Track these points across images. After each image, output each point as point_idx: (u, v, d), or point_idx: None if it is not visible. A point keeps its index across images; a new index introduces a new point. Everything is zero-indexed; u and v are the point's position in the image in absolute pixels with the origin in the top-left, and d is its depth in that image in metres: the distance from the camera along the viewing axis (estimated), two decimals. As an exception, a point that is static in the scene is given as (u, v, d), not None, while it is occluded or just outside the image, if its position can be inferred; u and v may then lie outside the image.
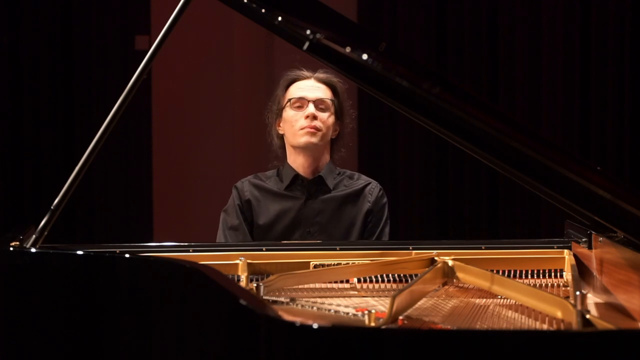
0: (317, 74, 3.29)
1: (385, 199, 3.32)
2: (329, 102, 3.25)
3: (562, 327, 2.07)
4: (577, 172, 2.16)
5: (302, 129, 3.22)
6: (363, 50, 2.23)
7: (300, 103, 3.24)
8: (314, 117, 3.21)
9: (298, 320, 1.79)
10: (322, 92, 3.26)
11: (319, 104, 3.24)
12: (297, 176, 3.27)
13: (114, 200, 5.35)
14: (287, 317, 1.82)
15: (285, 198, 3.27)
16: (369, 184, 3.32)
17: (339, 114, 3.29)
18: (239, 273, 2.63)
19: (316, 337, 1.77)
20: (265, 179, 3.32)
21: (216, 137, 5.49)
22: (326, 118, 3.24)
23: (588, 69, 5.23)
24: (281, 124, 3.30)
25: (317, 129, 3.22)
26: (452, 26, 5.29)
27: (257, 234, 3.25)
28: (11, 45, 5.24)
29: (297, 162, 3.28)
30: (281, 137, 3.32)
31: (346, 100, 3.32)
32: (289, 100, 3.25)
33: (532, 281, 2.63)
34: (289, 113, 3.25)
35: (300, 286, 2.55)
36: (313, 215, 3.25)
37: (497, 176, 5.18)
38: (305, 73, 3.29)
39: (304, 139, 3.23)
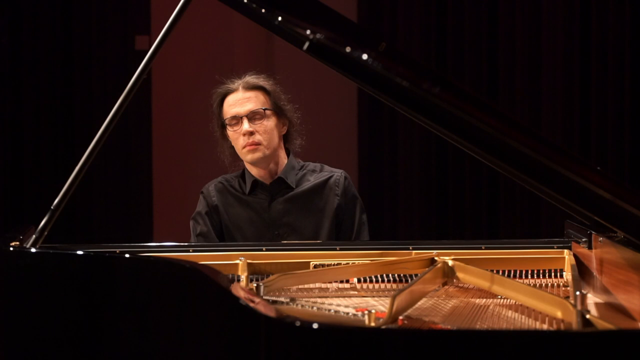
0: (246, 79, 3.25)
1: (353, 189, 3.29)
2: (261, 110, 3.21)
3: (562, 327, 2.07)
4: (577, 172, 2.15)
5: (243, 147, 3.21)
6: (363, 50, 2.23)
7: (235, 121, 3.22)
8: (251, 134, 3.19)
9: (298, 320, 1.79)
10: (252, 101, 3.22)
11: (252, 116, 3.21)
12: (256, 181, 3.27)
13: (114, 200, 5.35)
14: (287, 317, 1.82)
15: (249, 203, 3.26)
16: (333, 175, 3.29)
17: (278, 113, 3.25)
18: (239, 273, 2.64)
19: (316, 337, 1.77)
20: (231, 181, 3.31)
21: (216, 137, 5.48)
22: (265, 126, 3.21)
23: (588, 69, 5.22)
24: (229, 138, 3.28)
25: (258, 143, 3.20)
26: (452, 26, 5.29)
27: (228, 238, 3.24)
28: (11, 46, 5.24)
29: (253, 170, 3.28)
30: (232, 147, 3.29)
31: (281, 95, 3.27)
32: (225, 120, 3.24)
33: (532, 281, 2.63)
34: (229, 132, 3.24)
35: (300, 286, 2.55)
36: (279, 217, 3.23)
37: (497, 176, 5.18)
38: (233, 85, 3.25)
39: (248, 157, 3.22)
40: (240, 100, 3.23)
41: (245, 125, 3.19)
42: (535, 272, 2.67)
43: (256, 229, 3.23)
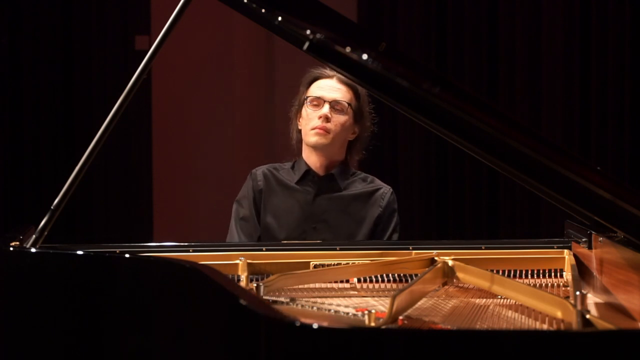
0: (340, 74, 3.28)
1: (396, 205, 3.32)
2: (345, 104, 3.24)
3: (562, 327, 2.07)
4: (577, 172, 2.15)
5: (313, 128, 3.23)
6: (363, 50, 2.23)
7: (317, 102, 3.24)
8: (327, 119, 3.21)
9: (298, 320, 1.79)
10: (340, 93, 3.25)
11: (335, 105, 3.23)
12: (308, 171, 3.28)
13: (114, 200, 5.35)
14: (287, 317, 1.82)
15: (295, 191, 3.28)
16: (382, 188, 3.32)
17: (357, 117, 3.28)
18: (239, 273, 2.63)
19: (316, 337, 1.77)
20: (280, 169, 3.33)
21: (216, 137, 5.49)
22: (341, 120, 3.23)
23: (588, 69, 5.22)
24: (300, 120, 3.31)
25: (327, 131, 3.22)
26: (452, 26, 5.29)
27: (263, 224, 3.26)
28: (11, 46, 5.24)
29: (310, 159, 3.29)
30: (299, 132, 3.32)
31: (367, 104, 3.32)
32: (307, 98, 3.26)
33: (532, 281, 2.63)
34: (306, 110, 3.26)
35: (300, 286, 2.55)
36: (320, 212, 3.25)
37: (497, 176, 5.18)
38: (329, 72, 3.28)
39: (313, 139, 3.24)
40: (331, 87, 3.26)
41: (326, 109, 3.21)
42: (535, 272, 2.67)
43: (294, 219, 3.24)
